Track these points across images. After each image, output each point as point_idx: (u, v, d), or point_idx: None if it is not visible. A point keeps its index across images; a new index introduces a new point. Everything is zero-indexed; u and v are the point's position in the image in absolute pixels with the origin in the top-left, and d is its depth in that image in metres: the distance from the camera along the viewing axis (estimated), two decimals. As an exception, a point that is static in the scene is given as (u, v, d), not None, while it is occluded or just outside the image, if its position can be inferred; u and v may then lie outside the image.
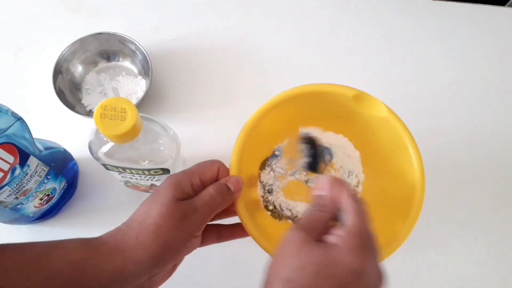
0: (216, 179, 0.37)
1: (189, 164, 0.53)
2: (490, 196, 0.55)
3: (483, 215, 0.54)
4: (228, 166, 0.38)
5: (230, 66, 0.61)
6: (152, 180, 0.44)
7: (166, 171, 0.42)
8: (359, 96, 0.40)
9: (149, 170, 0.41)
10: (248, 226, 0.37)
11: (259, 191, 0.45)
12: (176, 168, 0.44)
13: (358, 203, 0.30)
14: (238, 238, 0.40)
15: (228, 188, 0.36)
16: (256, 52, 0.62)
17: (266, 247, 0.36)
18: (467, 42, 0.64)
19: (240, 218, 0.37)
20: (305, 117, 0.45)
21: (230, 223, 0.40)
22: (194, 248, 0.36)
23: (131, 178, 0.44)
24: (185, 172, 0.35)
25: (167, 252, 0.33)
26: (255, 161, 0.45)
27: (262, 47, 0.62)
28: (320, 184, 0.32)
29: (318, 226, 0.30)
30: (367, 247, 0.28)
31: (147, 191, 0.51)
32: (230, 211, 0.38)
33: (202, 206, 0.34)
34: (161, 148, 0.40)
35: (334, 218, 0.31)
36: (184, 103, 0.58)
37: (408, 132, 0.39)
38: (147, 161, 0.40)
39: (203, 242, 0.38)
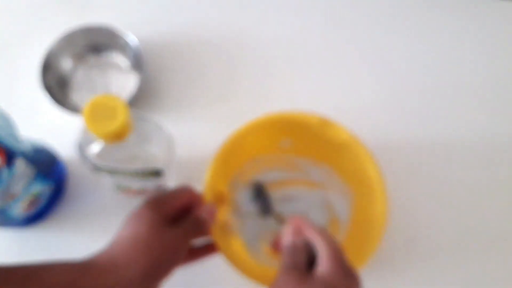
0: (188, 206, 0.39)
1: (185, 165, 0.52)
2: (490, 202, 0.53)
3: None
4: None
5: (228, 60, 0.59)
6: (144, 182, 0.43)
7: (159, 172, 0.41)
8: (323, 123, 0.42)
9: (141, 171, 0.40)
10: (228, 256, 0.39)
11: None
12: (170, 170, 0.44)
13: (324, 233, 0.33)
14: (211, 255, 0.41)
15: (204, 221, 0.38)
16: (256, 46, 0.60)
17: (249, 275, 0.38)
18: (462, 37, 0.62)
19: (217, 246, 0.39)
20: (272, 144, 0.48)
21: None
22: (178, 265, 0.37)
23: (122, 181, 0.43)
24: (157, 198, 0.37)
25: (158, 268, 0.34)
26: (225, 181, 0.46)
27: (262, 41, 0.61)
28: (286, 234, 0.35)
29: (303, 263, 0.33)
30: (350, 269, 0.32)
31: (138, 196, 0.49)
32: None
33: (181, 238, 0.36)
34: (154, 148, 0.39)
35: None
36: (179, 100, 0.57)
37: (371, 158, 0.41)
38: (139, 162, 0.39)
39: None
